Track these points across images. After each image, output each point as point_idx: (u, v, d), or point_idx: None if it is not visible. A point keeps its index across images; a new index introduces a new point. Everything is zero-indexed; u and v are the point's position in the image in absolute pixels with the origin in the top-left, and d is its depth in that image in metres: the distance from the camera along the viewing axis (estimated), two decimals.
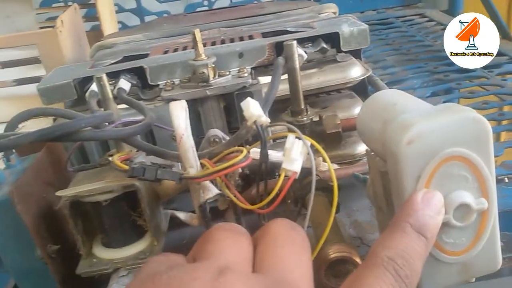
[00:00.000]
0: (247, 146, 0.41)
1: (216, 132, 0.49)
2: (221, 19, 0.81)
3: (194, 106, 0.52)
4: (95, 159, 0.53)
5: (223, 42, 0.62)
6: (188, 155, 0.40)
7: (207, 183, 0.41)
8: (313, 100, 0.58)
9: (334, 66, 0.56)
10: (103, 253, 0.42)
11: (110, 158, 0.46)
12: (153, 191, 0.43)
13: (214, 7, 1.54)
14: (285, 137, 0.38)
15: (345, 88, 0.59)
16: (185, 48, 0.63)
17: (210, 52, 0.54)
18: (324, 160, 0.39)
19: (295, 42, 0.43)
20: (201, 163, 0.41)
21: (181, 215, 0.48)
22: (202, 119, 0.54)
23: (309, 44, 0.56)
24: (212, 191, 0.40)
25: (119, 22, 1.40)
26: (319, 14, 0.79)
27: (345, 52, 0.58)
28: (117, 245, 0.42)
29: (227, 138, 0.47)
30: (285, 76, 0.51)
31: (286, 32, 0.61)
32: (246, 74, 0.52)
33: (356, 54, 0.60)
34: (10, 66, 0.96)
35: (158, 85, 0.57)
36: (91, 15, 1.31)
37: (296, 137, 0.37)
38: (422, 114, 0.32)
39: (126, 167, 0.38)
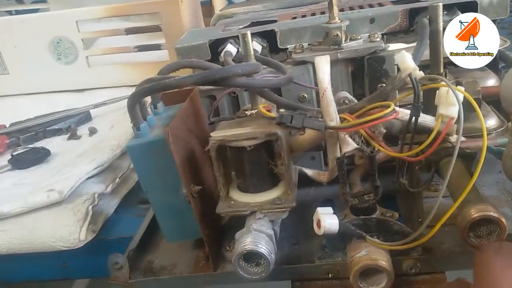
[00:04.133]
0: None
1: (346, 94, 0.49)
2: None
3: None
4: (225, 114, 0.56)
5: (351, 8, 0.62)
6: (330, 108, 0.42)
7: (346, 137, 0.42)
8: None
9: None
10: (240, 197, 0.45)
11: (246, 112, 0.49)
12: (288, 144, 0.45)
13: None
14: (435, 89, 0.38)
15: None
16: (313, 15, 0.64)
17: (341, 17, 0.55)
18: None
19: (441, 4, 0.43)
20: (341, 118, 0.42)
21: (309, 172, 0.49)
22: None
23: (444, 12, 0.54)
24: (350, 145, 0.42)
25: None
26: None
27: None
28: (253, 191, 0.44)
29: (355, 101, 0.48)
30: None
31: (416, 0, 0.60)
32: (378, 39, 0.52)
33: None
34: (133, 33, 1.03)
35: (286, 49, 0.59)
36: None
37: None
38: None
39: (274, 115, 0.40)
